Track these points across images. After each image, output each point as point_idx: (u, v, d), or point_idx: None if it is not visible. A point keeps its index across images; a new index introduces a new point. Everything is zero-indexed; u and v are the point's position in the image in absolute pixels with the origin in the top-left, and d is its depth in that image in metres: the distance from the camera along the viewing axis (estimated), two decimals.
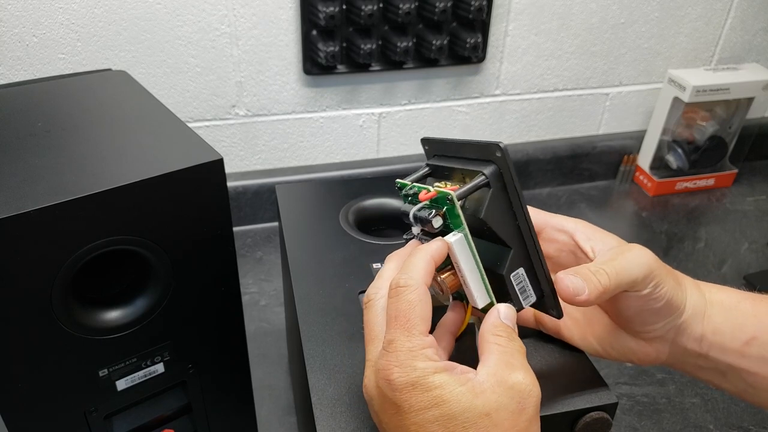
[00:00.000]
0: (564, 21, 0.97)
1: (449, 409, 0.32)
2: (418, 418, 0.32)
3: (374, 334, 0.36)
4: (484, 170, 0.37)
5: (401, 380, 0.32)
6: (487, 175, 0.37)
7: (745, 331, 0.40)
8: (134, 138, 0.46)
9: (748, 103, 1.06)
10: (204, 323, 0.49)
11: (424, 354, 0.33)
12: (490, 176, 0.37)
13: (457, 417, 0.32)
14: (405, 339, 0.33)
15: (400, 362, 0.33)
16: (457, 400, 0.32)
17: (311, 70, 0.89)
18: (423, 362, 0.33)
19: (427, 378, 0.32)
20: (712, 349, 0.40)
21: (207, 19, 0.83)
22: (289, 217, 0.58)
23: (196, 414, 0.54)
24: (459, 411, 0.32)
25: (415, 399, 0.32)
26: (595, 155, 1.10)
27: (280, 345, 0.77)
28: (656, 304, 0.39)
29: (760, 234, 1.00)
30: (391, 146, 1.01)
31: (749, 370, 0.40)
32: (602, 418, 0.40)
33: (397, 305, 0.34)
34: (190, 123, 0.90)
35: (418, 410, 0.32)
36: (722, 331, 0.40)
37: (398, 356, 0.33)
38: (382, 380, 0.33)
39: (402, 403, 0.32)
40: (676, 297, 0.40)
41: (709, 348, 0.40)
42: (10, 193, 0.38)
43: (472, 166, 0.38)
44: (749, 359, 0.40)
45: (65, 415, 0.46)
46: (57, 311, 0.41)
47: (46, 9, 0.77)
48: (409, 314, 0.34)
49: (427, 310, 0.35)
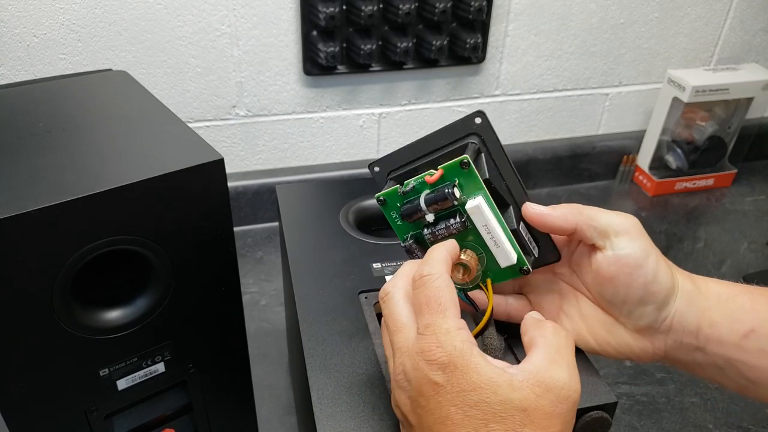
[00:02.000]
0: (564, 21, 0.97)
1: (488, 397, 0.32)
2: (460, 399, 0.32)
3: (401, 323, 0.36)
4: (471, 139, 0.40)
5: (444, 359, 0.33)
6: (476, 142, 0.40)
7: (743, 324, 0.39)
8: (135, 138, 0.47)
9: (747, 103, 1.06)
10: (204, 323, 0.50)
11: (461, 335, 0.34)
12: (479, 143, 0.40)
13: (495, 406, 0.32)
14: (441, 321, 0.34)
15: (440, 342, 0.33)
16: (494, 389, 0.32)
17: (311, 70, 0.89)
18: (461, 343, 0.33)
19: (467, 359, 0.33)
20: (709, 342, 0.40)
21: (207, 20, 0.83)
22: (289, 217, 0.58)
23: (197, 413, 0.54)
24: (497, 401, 0.32)
25: (456, 379, 0.32)
26: (594, 155, 1.10)
27: (280, 345, 0.77)
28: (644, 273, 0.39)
29: (760, 234, 1.00)
30: (391, 146, 1.02)
31: (748, 364, 0.39)
32: (602, 417, 0.40)
33: (426, 292, 0.35)
34: (190, 123, 0.90)
35: (459, 391, 0.32)
36: (719, 323, 0.40)
37: (438, 337, 0.33)
38: (422, 362, 0.33)
39: (445, 382, 0.33)
40: (663, 275, 0.40)
41: (706, 341, 0.40)
42: (11, 193, 0.38)
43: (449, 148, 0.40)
44: (748, 352, 0.39)
45: (66, 415, 0.46)
46: (57, 311, 0.41)
47: (46, 9, 0.77)
48: (440, 298, 0.35)
49: (455, 296, 0.35)
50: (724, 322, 0.40)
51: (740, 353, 0.39)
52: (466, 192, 0.39)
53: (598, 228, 0.40)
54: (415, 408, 0.34)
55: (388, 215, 0.41)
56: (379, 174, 0.43)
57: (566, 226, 0.41)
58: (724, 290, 0.41)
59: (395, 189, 0.40)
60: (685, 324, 0.40)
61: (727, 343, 0.40)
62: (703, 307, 0.40)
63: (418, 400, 0.34)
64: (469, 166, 0.38)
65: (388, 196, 0.41)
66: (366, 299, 0.49)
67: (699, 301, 0.40)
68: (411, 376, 0.34)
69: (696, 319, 0.40)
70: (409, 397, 0.35)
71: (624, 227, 0.40)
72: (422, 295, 0.35)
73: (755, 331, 0.39)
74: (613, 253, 0.40)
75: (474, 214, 0.38)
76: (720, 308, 0.40)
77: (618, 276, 0.40)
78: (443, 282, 0.35)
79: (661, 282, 0.40)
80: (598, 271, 0.41)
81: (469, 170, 0.38)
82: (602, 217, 0.40)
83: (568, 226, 0.40)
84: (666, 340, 0.41)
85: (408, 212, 0.40)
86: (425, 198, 0.39)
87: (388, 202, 0.41)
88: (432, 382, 0.33)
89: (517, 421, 0.32)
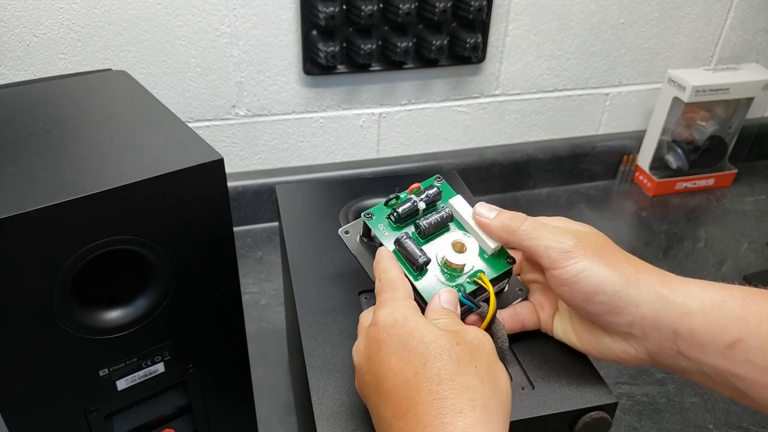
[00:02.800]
0: (564, 21, 0.97)
1: (425, 337, 0.35)
2: (399, 347, 0.36)
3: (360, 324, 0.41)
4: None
5: (385, 319, 0.37)
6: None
7: (728, 333, 0.37)
8: (135, 138, 0.46)
9: (747, 103, 1.06)
10: (204, 323, 0.50)
11: (405, 301, 0.38)
12: None
13: (432, 343, 0.35)
14: (389, 294, 0.39)
15: (384, 305, 0.38)
16: (429, 331, 0.36)
17: (311, 70, 0.89)
18: (404, 308, 0.38)
19: (407, 316, 0.37)
20: (690, 349, 0.38)
21: (207, 20, 0.83)
22: (289, 217, 0.58)
23: (197, 414, 0.54)
24: (432, 338, 0.35)
25: (395, 331, 0.36)
26: (594, 155, 1.10)
27: (280, 345, 0.77)
28: (581, 288, 0.39)
29: (760, 234, 1.00)
30: (391, 146, 1.02)
31: (736, 374, 0.37)
32: (602, 417, 0.40)
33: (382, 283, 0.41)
34: (190, 123, 0.90)
35: (397, 341, 0.36)
36: (700, 330, 0.38)
37: (383, 303, 0.39)
38: (371, 327, 0.38)
39: (386, 337, 0.36)
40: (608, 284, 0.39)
41: (687, 347, 0.38)
42: (11, 193, 0.38)
43: None
44: (735, 363, 0.37)
45: (65, 415, 0.46)
46: (57, 311, 0.41)
47: (46, 9, 0.77)
48: (393, 282, 0.40)
49: (407, 284, 0.41)
50: (706, 330, 0.38)
51: (726, 363, 0.37)
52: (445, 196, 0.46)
53: (529, 251, 0.42)
54: (368, 368, 0.37)
55: (376, 228, 0.45)
56: (349, 237, 0.47)
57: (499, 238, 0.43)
58: (711, 295, 0.38)
59: (380, 204, 0.46)
60: (659, 329, 0.39)
61: (711, 352, 0.38)
62: (680, 312, 0.38)
63: (369, 366, 0.37)
64: (442, 180, 0.47)
65: (374, 212, 0.46)
66: (366, 299, 0.49)
67: (674, 306, 0.38)
68: (361, 345, 0.38)
69: (671, 324, 0.38)
70: (361, 370, 0.38)
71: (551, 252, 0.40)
72: (379, 286, 0.41)
73: (742, 341, 0.37)
74: (549, 273, 0.41)
75: (458, 204, 0.45)
76: (702, 315, 0.38)
77: (561, 292, 0.41)
78: (394, 274, 0.41)
79: (606, 291, 0.39)
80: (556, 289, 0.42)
81: (442, 183, 0.47)
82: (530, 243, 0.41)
83: (500, 239, 0.43)
84: (645, 344, 0.40)
85: (406, 210, 0.45)
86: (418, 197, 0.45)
87: (375, 216, 0.45)
88: (376, 340, 0.37)
89: (454, 354, 0.35)
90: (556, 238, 0.40)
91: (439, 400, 0.33)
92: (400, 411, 0.34)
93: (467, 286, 0.42)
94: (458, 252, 0.44)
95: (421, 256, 0.42)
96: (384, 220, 0.45)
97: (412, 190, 0.46)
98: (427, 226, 0.44)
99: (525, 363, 0.43)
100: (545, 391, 0.41)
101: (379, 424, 0.36)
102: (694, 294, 0.39)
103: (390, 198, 0.46)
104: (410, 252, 0.42)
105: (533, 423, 0.40)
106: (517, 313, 0.44)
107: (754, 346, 0.37)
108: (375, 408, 0.36)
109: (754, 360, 0.37)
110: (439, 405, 0.33)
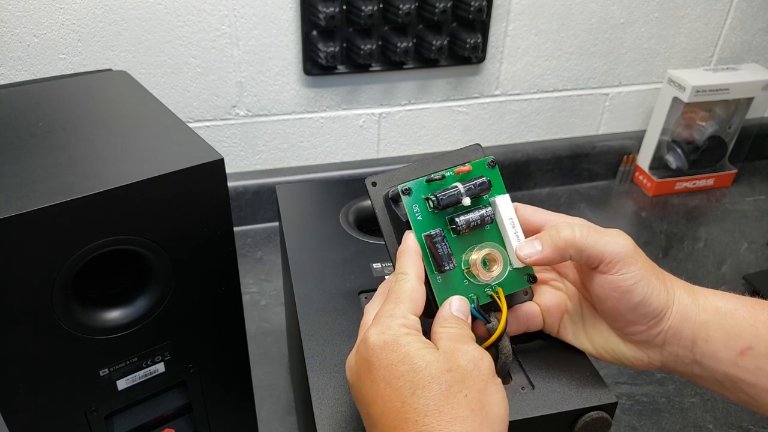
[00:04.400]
0: (564, 21, 0.97)
1: (414, 364, 0.34)
2: (387, 373, 0.34)
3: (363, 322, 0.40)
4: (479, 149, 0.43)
5: (376, 340, 0.35)
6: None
7: (740, 341, 0.38)
8: (135, 138, 0.47)
9: (747, 103, 1.06)
10: (204, 323, 0.50)
11: (401, 321, 0.36)
12: None
13: (422, 371, 0.34)
14: (391, 308, 0.37)
15: (378, 324, 0.36)
16: (421, 356, 0.34)
17: (311, 70, 0.89)
18: (398, 326, 0.36)
19: (398, 338, 0.35)
20: (705, 357, 0.39)
21: (207, 20, 0.83)
22: (289, 217, 0.58)
23: (197, 414, 0.54)
24: (423, 365, 0.34)
25: (385, 356, 0.35)
26: (594, 155, 1.10)
27: (280, 345, 0.77)
28: (632, 298, 0.39)
29: (760, 234, 1.00)
30: (391, 146, 1.02)
31: (746, 381, 0.38)
32: (602, 417, 0.40)
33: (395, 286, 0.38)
34: (190, 123, 0.90)
35: (387, 366, 0.35)
36: (714, 339, 0.39)
37: (379, 320, 0.36)
38: (362, 343, 0.36)
39: (375, 360, 0.35)
40: (655, 297, 0.39)
41: (702, 356, 0.39)
42: (11, 193, 0.38)
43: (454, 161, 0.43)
44: (745, 369, 0.38)
45: (66, 415, 0.46)
46: (57, 311, 0.41)
47: (46, 9, 0.77)
48: (400, 292, 0.38)
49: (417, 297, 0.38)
50: (720, 338, 0.39)
51: (737, 370, 0.38)
52: (492, 191, 0.41)
53: (589, 258, 0.40)
54: (359, 388, 0.36)
55: (410, 208, 0.40)
56: (376, 190, 0.42)
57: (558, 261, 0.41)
58: (724, 304, 0.40)
59: (421, 180, 0.40)
60: (679, 338, 0.40)
61: (724, 360, 0.39)
62: (699, 321, 0.39)
63: (359, 386, 0.36)
64: (495, 164, 0.41)
65: (414, 186, 0.40)
66: (366, 299, 0.49)
67: (695, 316, 0.39)
68: (353, 361, 0.37)
69: (691, 334, 0.39)
70: (353, 379, 0.37)
71: (614, 256, 0.39)
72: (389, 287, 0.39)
73: (753, 348, 0.38)
74: (603, 277, 0.40)
75: (502, 205, 0.41)
76: (717, 323, 0.39)
77: (608, 297, 0.40)
78: (410, 284, 0.38)
79: (652, 304, 0.39)
80: (591, 288, 0.41)
81: (494, 168, 0.41)
82: (592, 249, 0.39)
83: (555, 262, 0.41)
84: (661, 352, 0.41)
85: (447, 198, 0.40)
86: (465, 186, 0.40)
87: (413, 193, 0.40)
88: (366, 360, 0.36)
89: (443, 384, 0.33)
90: (616, 241, 0.39)
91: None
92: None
93: (482, 298, 0.41)
94: (488, 265, 0.41)
95: (450, 263, 0.40)
96: (421, 200, 0.40)
97: (459, 173, 0.40)
98: (465, 226, 0.40)
99: (525, 363, 0.43)
100: (545, 391, 0.41)
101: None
102: (711, 303, 0.40)
103: (433, 177, 0.40)
104: (439, 254, 0.40)
105: (533, 423, 0.40)
106: (522, 315, 0.44)
107: (764, 353, 0.38)
108: (366, 427, 0.36)
109: (763, 367, 0.38)
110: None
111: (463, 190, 0.40)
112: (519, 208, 0.44)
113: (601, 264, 0.39)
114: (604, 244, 0.39)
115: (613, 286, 0.39)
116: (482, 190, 0.40)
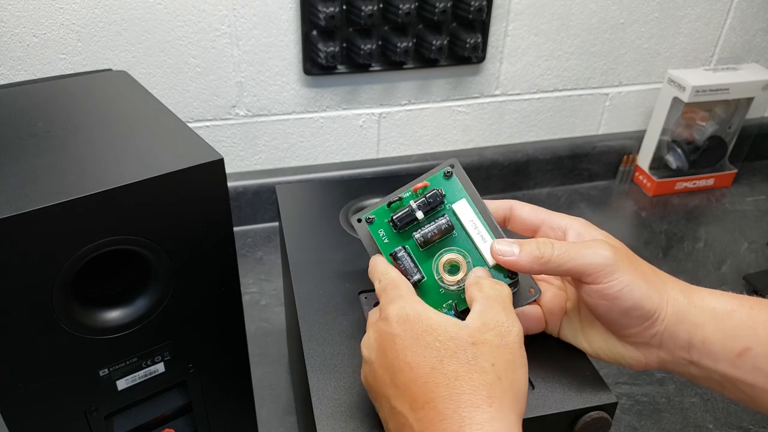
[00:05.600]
0: (564, 21, 0.97)
1: (440, 335, 0.35)
2: (414, 343, 0.35)
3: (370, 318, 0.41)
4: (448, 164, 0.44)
5: (398, 314, 0.37)
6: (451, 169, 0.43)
7: (738, 342, 0.38)
8: (135, 138, 0.46)
9: (747, 103, 1.06)
10: (204, 323, 0.50)
11: (413, 297, 0.38)
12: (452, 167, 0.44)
13: (447, 342, 0.35)
14: (395, 292, 0.39)
15: (393, 301, 0.38)
16: (444, 329, 0.36)
17: (311, 70, 0.89)
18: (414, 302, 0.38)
19: (418, 312, 0.37)
20: (702, 358, 0.39)
21: (207, 20, 0.83)
22: (289, 217, 0.58)
23: (197, 414, 0.54)
24: (448, 337, 0.35)
25: (409, 327, 0.36)
26: (594, 155, 1.10)
27: (280, 345, 0.77)
28: (622, 304, 0.39)
29: (760, 234, 1.00)
30: (391, 146, 1.02)
31: (745, 381, 0.38)
32: (602, 417, 0.40)
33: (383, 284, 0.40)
34: (190, 123, 0.90)
35: (412, 336, 0.36)
36: (712, 340, 0.39)
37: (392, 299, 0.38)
38: (381, 322, 0.37)
39: (400, 332, 0.36)
40: (646, 300, 0.39)
41: (699, 356, 0.39)
42: (11, 193, 0.38)
43: None
44: (743, 370, 0.38)
45: (65, 415, 0.46)
46: (57, 311, 0.41)
47: (46, 9, 0.77)
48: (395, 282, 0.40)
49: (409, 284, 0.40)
50: (717, 339, 0.39)
51: (735, 371, 0.38)
52: (449, 198, 0.43)
53: (570, 272, 0.40)
54: (379, 367, 0.36)
55: (375, 234, 0.43)
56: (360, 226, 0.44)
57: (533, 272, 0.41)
58: (722, 305, 0.39)
59: (383, 206, 0.43)
60: (676, 339, 0.40)
61: (721, 360, 0.39)
62: (696, 322, 0.39)
63: (382, 360, 0.36)
64: (452, 175, 0.43)
65: (376, 214, 0.43)
66: (366, 299, 0.49)
67: (691, 317, 0.39)
68: (372, 339, 0.38)
69: (687, 335, 0.39)
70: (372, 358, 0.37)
71: (595, 267, 0.39)
72: (381, 286, 0.40)
73: (751, 349, 0.38)
74: (589, 287, 0.40)
75: (461, 210, 0.43)
76: (714, 324, 0.39)
77: (598, 305, 0.40)
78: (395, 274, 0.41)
79: (644, 306, 0.39)
80: (581, 297, 0.41)
81: (451, 179, 0.43)
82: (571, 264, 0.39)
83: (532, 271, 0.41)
84: (658, 353, 0.41)
85: (402, 218, 0.42)
86: (416, 203, 0.42)
87: (376, 220, 0.43)
88: (389, 334, 0.36)
89: (469, 354, 0.35)
90: (596, 252, 0.39)
91: (456, 395, 0.33)
92: (418, 403, 0.34)
93: (460, 304, 0.42)
94: (452, 270, 0.42)
95: (416, 273, 0.41)
96: (385, 224, 0.43)
97: (416, 190, 0.43)
98: (422, 240, 0.42)
99: None
100: (545, 391, 0.41)
101: (393, 416, 0.36)
102: (708, 304, 0.40)
103: (392, 200, 0.43)
104: (404, 268, 0.41)
105: (533, 423, 0.40)
106: (525, 316, 0.44)
107: (763, 354, 0.38)
108: (388, 400, 0.36)
109: (762, 368, 0.38)
110: (456, 399, 0.33)
111: (415, 206, 0.42)
112: (516, 207, 0.44)
113: (583, 276, 0.39)
114: (583, 258, 0.39)
115: (600, 295, 0.39)
116: (436, 202, 0.42)
